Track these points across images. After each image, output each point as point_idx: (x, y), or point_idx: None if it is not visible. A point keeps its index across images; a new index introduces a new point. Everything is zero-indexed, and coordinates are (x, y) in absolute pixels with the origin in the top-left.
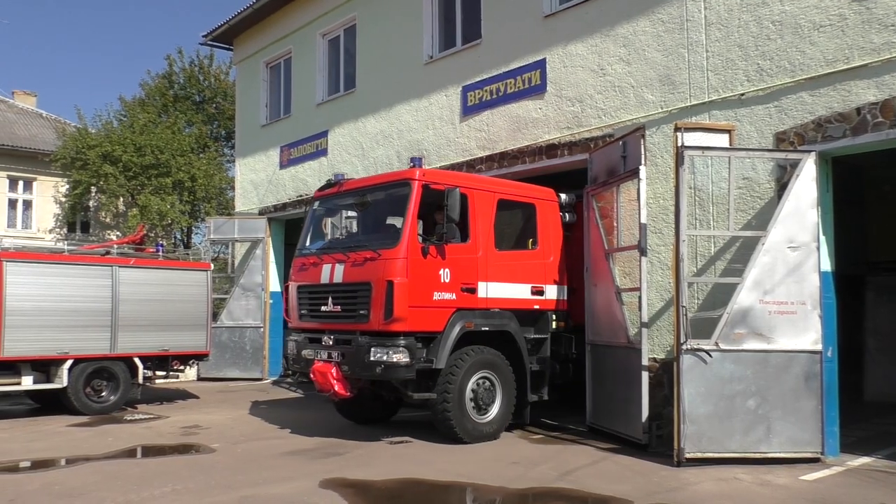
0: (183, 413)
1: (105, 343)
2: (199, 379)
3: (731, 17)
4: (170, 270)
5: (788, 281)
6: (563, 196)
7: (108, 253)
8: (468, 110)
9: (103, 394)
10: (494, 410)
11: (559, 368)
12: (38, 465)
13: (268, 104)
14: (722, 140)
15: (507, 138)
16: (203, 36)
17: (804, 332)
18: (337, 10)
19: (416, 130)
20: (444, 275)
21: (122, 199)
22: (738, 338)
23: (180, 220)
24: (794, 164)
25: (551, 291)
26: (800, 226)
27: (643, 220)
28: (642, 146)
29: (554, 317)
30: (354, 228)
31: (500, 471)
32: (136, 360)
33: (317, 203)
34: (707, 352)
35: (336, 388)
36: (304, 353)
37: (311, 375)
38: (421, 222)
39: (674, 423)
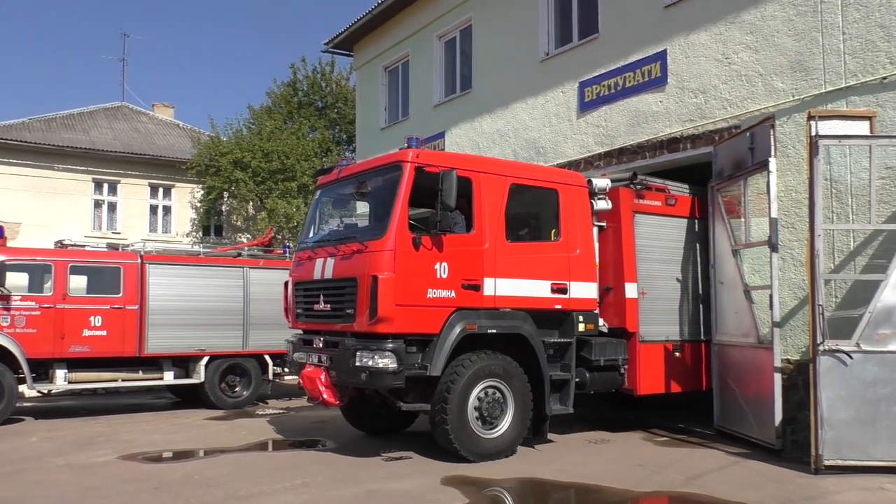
0: (309, 409)
1: (238, 341)
2: None
3: None
4: None
5: None
6: (595, 181)
7: (239, 255)
8: (585, 106)
9: (237, 389)
10: (504, 425)
11: (589, 377)
12: (179, 455)
13: (386, 107)
14: (861, 128)
15: (626, 133)
16: (325, 44)
17: None
18: (453, 12)
19: (532, 128)
20: (441, 269)
21: (251, 203)
22: (882, 338)
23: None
24: None
25: (577, 289)
26: None
27: (774, 215)
28: (772, 137)
29: (581, 318)
30: (353, 218)
31: (623, 473)
32: (267, 357)
33: (318, 192)
34: (847, 353)
35: (325, 395)
36: (296, 356)
37: (301, 381)
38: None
39: (811, 428)
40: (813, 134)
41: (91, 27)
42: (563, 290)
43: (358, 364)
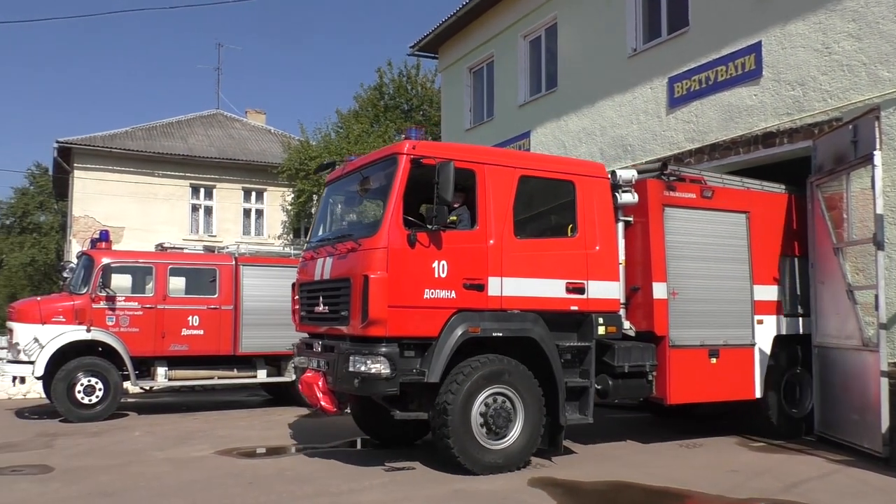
0: None
1: None
2: None
3: None
4: None
5: None
6: (619, 172)
7: None
8: (675, 102)
9: None
10: (513, 435)
11: (612, 384)
12: (272, 451)
13: (471, 108)
14: None
15: (718, 129)
16: (410, 47)
17: None
18: (538, 11)
19: (619, 126)
20: (440, 268)
21: None
22: None
23: None
24: None
25: (596, 289)
26: None
27: (879, 211)
28: (877, 129)
29: (601, 320)
30: (354, 216)
31: (716, 478)
32: None
33: (325, 189)
34: None
35: (322, 402)
36: (298, 360)
37: (300, 387)
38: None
39: None
40: None
41: (188, 39)
42: (581, 290)
43: (351, 369)
